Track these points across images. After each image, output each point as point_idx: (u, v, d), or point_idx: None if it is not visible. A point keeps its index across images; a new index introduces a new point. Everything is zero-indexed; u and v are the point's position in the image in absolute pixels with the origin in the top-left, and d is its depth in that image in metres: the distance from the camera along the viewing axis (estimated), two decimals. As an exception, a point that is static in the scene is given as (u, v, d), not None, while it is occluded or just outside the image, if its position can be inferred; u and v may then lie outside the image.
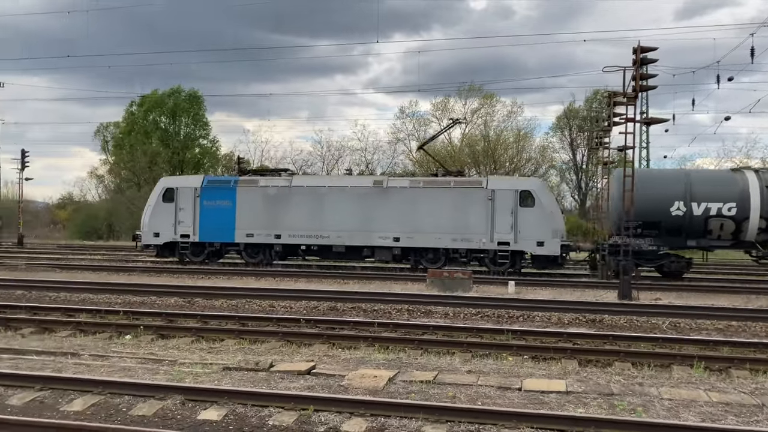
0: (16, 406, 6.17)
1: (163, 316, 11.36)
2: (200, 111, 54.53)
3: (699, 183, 18.89)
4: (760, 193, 18.39)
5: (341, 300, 13.34)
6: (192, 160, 53.67)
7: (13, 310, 11.88)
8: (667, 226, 18.89)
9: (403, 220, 21.08)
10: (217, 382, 7.09)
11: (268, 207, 22.14)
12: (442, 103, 51.13)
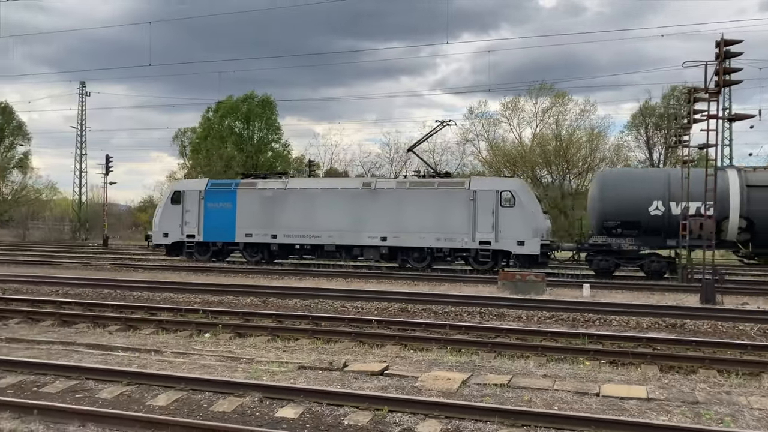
0: (106, 399, 6.49)
1: (240, 316, 11.69)
2: (272, 116, 55.84)
3: (678, 182, 18.52)
4: (740, 193, 18.15)
5: (412, 301, 13.35)
6: (265, 163, 55.01)
7: (101, 308, 12.49)
8: (646, 225, 18.87)
9: (390, 221, 21.82)
10: (293, 381, 7.23)
11: (265, 208, 23.31)
12: (512, 102, 50.37)
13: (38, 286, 15.60)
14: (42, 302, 13.07)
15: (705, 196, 15.60)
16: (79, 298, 13.74)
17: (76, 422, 5.59)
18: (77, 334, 10.40)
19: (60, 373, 7.29)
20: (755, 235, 18.45)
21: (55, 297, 13.98)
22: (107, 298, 14.25)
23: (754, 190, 18.34)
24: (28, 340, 9.71)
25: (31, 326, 11.04)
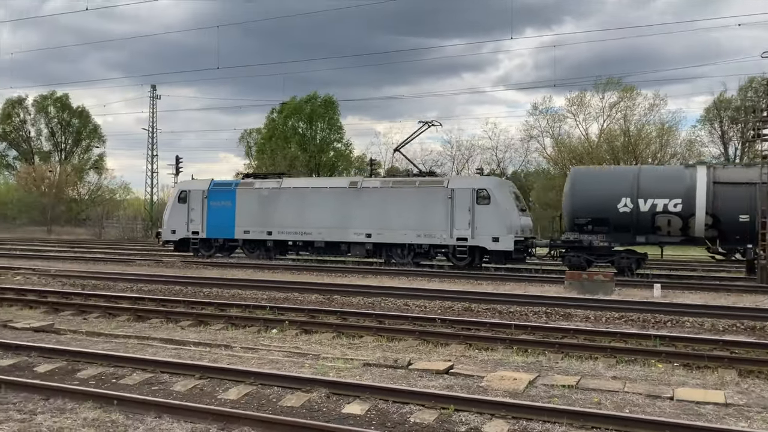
0: (180, 392, 6.72)
1: (306, 312, 11.88)
2: (335, 116, 56.55)
3: (646, 180, 18.97)
4: (706, 190, 18.17)
5: (476, 301, 13.24)
6: (327, 163, 55.76)
7: (173, 303, 12.94)
8: (615, 222, 19.17)
9: (374, 218, 22.74)
10: (358, 378, 7.30)
11: (261, 207, 24.64)
12: (578, 98, 49.33)
13: (115, 282, 16.29)
14: (118, 298, 13.64)
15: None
16: (152, 294, 14.26)
17: (153, 413, 5.81)
18: (151, 329, 10.81)
19: (137, 366, 7.60)
20: (722, 232, 18.46)
21: (130, 293, 14.56)
22: (179, 294, 14.74)
23: (720, 186, 18.28)
24: (106, 334, 10.17)
25: (108, 321, 11.55)
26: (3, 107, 65.89)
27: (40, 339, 9.37)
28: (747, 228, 17.86)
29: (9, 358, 8.08)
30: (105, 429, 5.43)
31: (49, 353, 8.20)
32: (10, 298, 13.46)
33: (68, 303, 12.93)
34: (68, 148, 68.50)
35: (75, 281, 16.54)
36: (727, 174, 18.85)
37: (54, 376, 7.26)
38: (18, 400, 6.22)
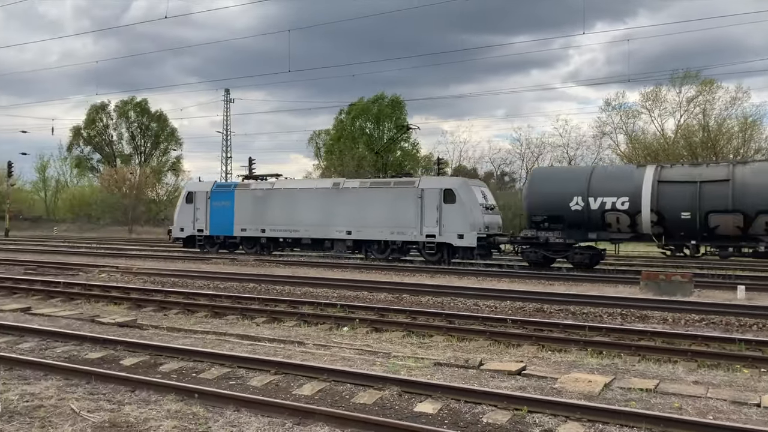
0: (256, 387, 6.92)
1: (376, 311, 11.98)
2: (402, 115, 56.65)
3: (597, 179, 20.03)
4: (651, 188, 18.97)
5: (548, 302, 13.01)
6: (394, 162, 55.93)
7: (248, 301, 13.31)
8: (569, 220, 20.20)
9: (354, 217, 24.54)
10: (429, 377, 7.31)
11: (255, 206, 26.83)
12: (653, 92, 47.63)
13: (192, 280, 16.90)
14: (196, 295, 14.15)
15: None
16: (227, 292, 14.71)
17: (232, 407, 6.01)
18: (228, 325, 11.16)
19: (215, 361, 7.87)
20: (666, 229, 19.25)
21: (207, 290, 15.06)
22: (253, 291, 15.14)
23: (664, 185, 19.07)
24: (185, 330, 10.57)
25: (187, 317, 12.00)
26: (88, 113, 69.44)
27: (124, 333, 9.83)
28: (689, 224, 18.64)
29: (97, 351, 8.52)
30: (187, 421, 5.65)
31: (133, 347, 8.60)
32: (97, 295, 14.19)
33: (150, 299, 13.50)
34: (147, 150, 71.46)
35: (155, 279, 17.26)
36: (671, 173, 19.53)
37: (138, 369, 7.61)
38: (107, 391, 6.56)
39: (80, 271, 19.24)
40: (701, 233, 18.70)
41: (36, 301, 13.70)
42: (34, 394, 6.39)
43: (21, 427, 5.42)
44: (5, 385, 6.70)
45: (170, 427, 5.45)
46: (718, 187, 18.28)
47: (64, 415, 5.74)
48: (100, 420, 5.61)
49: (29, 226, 63.29)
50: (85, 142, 70.33)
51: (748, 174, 18.43)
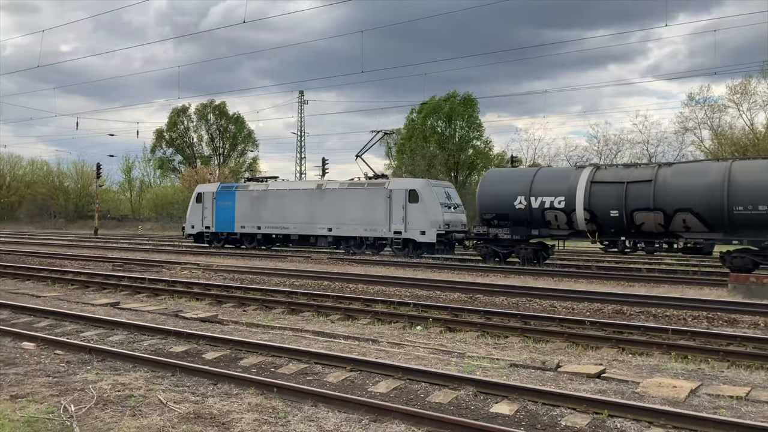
0: (333, 383, 7.03)
1: (449, 311, 11.94)
2: (474, 113, 56.13)
3: (539, 180, 21.76)
4: (585, 188, 20.50)
5: (628, 303, 12.59)
6: (466, 161, 55.52)
7: (323, 298, 13.54)
8: (514, 217, 22.10)
9: (334, 215, 27.30)
10: (505, 378, 7.22)
11: (253, 206, 29.85)
12: (741, 85, 45.23)
13: (269, 277, 17.33)
14: (273, 292, 14.50)
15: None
16: (303, 289, 14.99)
17: (309, 402, 6.13)
18: (304, 322, 11.39)
19: (292, 357, 8.05)
20: (599, 226, 20.72)
21: (283, 287, 15.41)
22: (327, 289, 15.38)
23: (596, 185, 20.54)
24: (264, 325, 10.86)
25: (265, 313, 12.32)
26: (169, 116, 72.33)
27: (206, 328, 10.20)
28: (618, 222, 20.13)
29: (181, 344, 8.88)
30: (267, 414, 5.80)
31: (215, 342, 8.91)
32: (180, 291, 14.77)
33: (229, 296, 13.95)
34: (226, 152, 73.74)
35: (234, 276, 17.81)
36: (603, 174, 20.96)
37: (220, 363, 7.88)
38: (191, 384, 6.83)
39: (164, 267, 20.08)
40: (629, 230, 20.25)
41: (123, 296, 14.40)
42: (124, 384, 6.72)
43: (114, 415, 5.72)
44: (98, 375, 7.09)
45: (251, 420, 5.61)
46: (642, 187, 19.67)
47: (153, 405, 6.01)
48: (185, 411, 5.84)
49: (116, 225, 66.67)
50: (167, 144, 73.29)
51: (669, 175, 19.70)
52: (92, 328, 10.14)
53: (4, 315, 11.27)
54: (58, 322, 10.66)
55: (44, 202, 74.66)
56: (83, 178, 75.63)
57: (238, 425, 5.48)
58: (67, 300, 13.52)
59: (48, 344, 8.61)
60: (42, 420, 5.50)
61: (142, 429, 5.33)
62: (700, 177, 19.25)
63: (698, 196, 18.81)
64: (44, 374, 7.12)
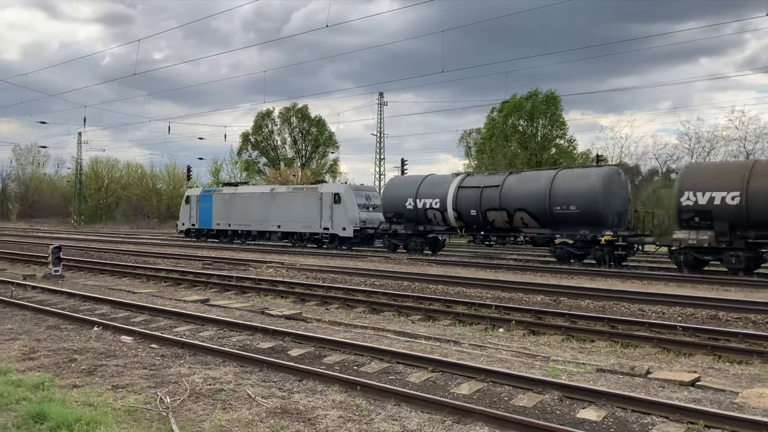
0: (415, 383, 7.05)
1: (532, 313, 11.72)
2: (557, 111, 54.82)
3: (423, 186, 26.82)
4: (454, 192, 25.40)
5: (723, 309, 11.94)
6: (549, 160, 54.26)
7: (403, 298, 13.59)
8: (406, 216, 27.17)
9: (281, 214, 32.93)
10: (592, 383, 7.02)
11: (225, 207, 36.01)
12: None
13: (350, 277, 17.57)
14: (354, 291, 14.69)
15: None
16: (383, 289, 15.10)
17: (392, 401, 6.17)
18: (385, 321, 11.48)
19: (374, 356, 8.13)
20: (465, 223, 25.66)
21: (364, 287, 15.58)
22: (407, 289, 15.42)
23: (461, 189, 25.50)
24: (345, 324, 11.03)
25: (347, 312, 12.51)
26: (255, 120, 74.64)
27: (290, 326, 10.45)
28: (476, 219, 25.13)
29: (268, 341, 9.15)
30: (351, 412, 5.89)
31: (299, 339, 9.12)
32: (265, 289, 15.22)
33: (312, 294, 14.25)
34: (308, 154, 75.33)
35: (317, 275, 18.16)
36: (468, 181, 25.88)
37: (305, 360, 8.06)
38: (278, 379, 7.03)
39: (250, 266, 20.74)
40: (484, 226, 25.16)
41: (213, 294, 14.99)
42: (215, 378, 7.00)
43: (206, 407, 5.96)
44: (191, 369, 7.41)
45: (336, 417, 5.71)
46: (492, 191, 24.50)
47: (242, 399, 6.23)
48: (272, 406, 6.01)
49: (205, 225, 69.19)
50: (252, 147, 75.64)
51: (513, 182, 24.30)
52: (184, 323, 10.61)
53: (105, 310, 11.98)
54: (152, 317, 11.22)
55: (138, 203, 78.61)
56: (174, 180, 79.11)
57: (323, 422, 5.59)
58: (161, 296, 14.21)
59: (144, 338, 9.08)
60: (141, 410, 5.81)
61: (232, 422, 5.53)
62: (533, 183, 23.69)
63: (531, 198, 23.36)
64: (141, 366, 7.51)
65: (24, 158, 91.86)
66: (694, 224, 19.64)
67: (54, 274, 17.06)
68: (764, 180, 18.44)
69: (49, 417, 5.35)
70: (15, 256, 24.15)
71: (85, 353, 8.13)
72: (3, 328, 9.83)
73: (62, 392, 6.28)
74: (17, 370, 7.13)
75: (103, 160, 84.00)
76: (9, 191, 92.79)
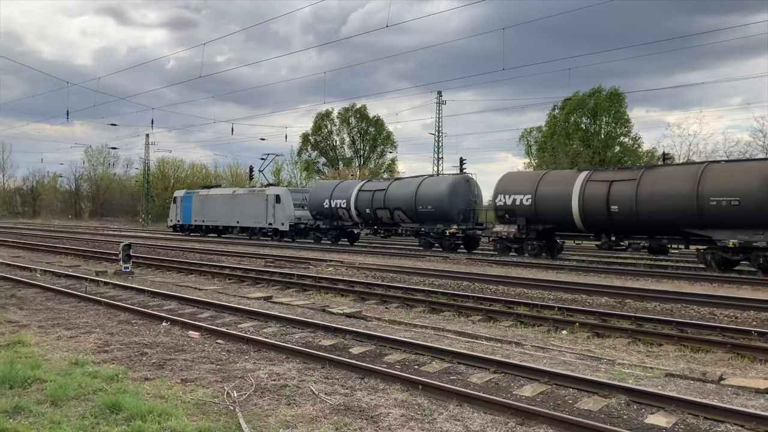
0: (476, 384, 7.00)
1: (596, 315, 11.46)
2: (621, 108, 53.39)
3: (336, 190, 33.70)
4: (355, 195, 32.35)
5: (802, 313, 11.38)
6: (612, 158, 52.88)
7: (463, 299, 13.51)
8: (324, 213, 34.09)
9: (240, 212, 39.32)
10: (660, 388, 6.81)
11: (200, 206, 42.81)
12: None
13: (409, 276, 17.58)
14: (414, 290, 14.70)
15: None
16: (443, 289, 15.05)
17: (454, 402, 6.15)
18: (445, 321, 11.44)
19: (435, 355, 8.11)
20: (363, 219, 32.26)
21: (423, 286, 15.56)
22: (467, 289, 15.31)
23: (360, 193, 32.17)
24: (405, 323, 11.05)
25: (407, 311, 12.53)
26: (314, 120, 75.67)
27: (351, 324, 10.54)
28: (370, 216, 31.63)
29: (330, 338, 9.26)
30: (413, 411, 5.90)
31: (360, 337, 9.20)
32: (326, 287, 15.41)
33: (372, 293, 14.33)
34: (366, 154, 75.84)
35: (376, 273, 18.26)
36: (366, 186, 32.74)
37: (366, 358, 8.12)
38: (340, 376, 7.10)
39: (311, 264, 21.03)
40: (376, 222, 31.86)
41: (275, 291, 15.28)
42: (279, 374, 7.14)
43: (271, 402, 6.09)
44: (255, 364, 7.58)
45: (398, 415, 5.74)
46: (380, 194, 31.23)
47: (306, 396, 6.33)
48: (335, 403, 6.09)
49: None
50: (312, 147, 76.70)
51: (394, 186, 31.26)
52: (248, 320, 10.86)
53: (172, 305, 12.38)
54: (218, 313, 11.53)
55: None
56: (237, 180, 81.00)
57: (385, 420, 5.62)
58: (226, 293, 14.58)
59: (211, 334, 9.34)
60: (209, 403, 5.98)
61: (297, 418, 5.63)
62: (407, 188, 30.46)
63: (404, 200, 30.12)
64: (208, 361, 7.74)
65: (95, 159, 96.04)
66: (506, 219, 25.95)
67: (124, 270, 17.74)
68: (546, 187, 24.76)
69: (123, 408, 5.58)
70: (88, 253, 25.24)
71: (155, 347, 8.42)
72: (79, 321, 10.30)
73: (135, 384, 6.53)
74: (93, 362, 7.46)
75: (169, 160, 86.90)
76: (82, 191, 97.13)
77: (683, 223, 20.83)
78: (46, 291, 13.95)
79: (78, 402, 5.89)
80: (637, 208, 21.72)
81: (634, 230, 22.49)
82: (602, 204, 22.69)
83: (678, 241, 21.81)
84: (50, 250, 27.24)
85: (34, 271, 18.16)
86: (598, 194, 22.87)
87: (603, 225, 23.18)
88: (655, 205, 21.28)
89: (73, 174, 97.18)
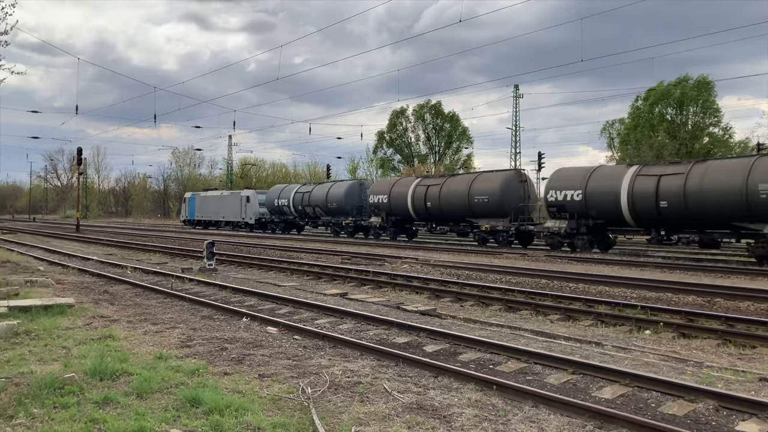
0: (553, 385, 6.82)
1: (682, 315, 10.92)
2: (710, 98, 50.80)
3: (283, 192, 44.75)
4: (293, 196, 43.08)
5: None
6: (701, 150, 50.42)
7: (541, 297, 13.20)
8: (274, 209, 45.20)
9: (226, 210, 51.66)
10: (753, 393, 6.42)
11: (200, 205, 55.54)
12: None
13: (485, 273, 17.36)
14: (489, 288, 14.49)
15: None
16: (520, 286, 14.77)
17: (530, 402, 6.01)
18: (521, 320, 11.22)
19: (511, 355, 7.96)
20: (298, 214, 43.23)
21: (499, 284, 15.32)
22: (545, 288, 14.96)
23: (295, 194, 43.11)
24: (481, 321, 10.91)
25: (482, 309, 12.37)
26: (389, 118, 76.08)
27: (425, 321, 10.51)
28: (302, 212, 42.52)
29: (403, 336, 9.26)
30: (487, 411, 5.81)
31: (434, 335, 9.15)
32: (401, 284, 15.43)
33: (446, 291, 14.24)
34: (441, 150, 75.58)
35: (451, 271, 18.14)
36: (302, 188, 43.25)
37: (440, 356, 8.06)
38: (413, 375, 7.09)
39: (386, 261, 21.14)
40: (306, 216, 42.41)
41: (351, 288, 15.44)
42: (353, 371, 7.19)
43: (344, 399, 6.14)
44: (330, 361, 7.67)
45: (471, 416, 5.66)
46: (306, 195, 41.74)
47: (379, 393, 6.35)
48: (408, 401, 6.07)
49: (343, 221, 71.50)
50: (387, 145, 77.17)
51: (315, 189, 41.55)
52: (324, 316, 11.01)
53: (252, 301, 12.73)
54: (295, 309, 11.76)
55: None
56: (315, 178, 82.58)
57: (458, 419, 5.56)
58: (303, 289, 14.86)
59: (288, 330, 9.54)
60: (284, 399, 6.10)
61: (370, 415, 5.65)
62: (322, 190, 40.85)
63: (320, 199, 39.89)
64: (285, 357, 7.89)
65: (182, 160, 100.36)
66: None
67: (208, 267, 18.40)
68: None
69: (203, 402, 5.77)
70: (175, 250, 26.37)
71: (235, 342, 8.68)
72: (165, 317, 10.75)
73: (214, 379, 6.75)
74: (176, 357, 7.76)
75: (251, 160, 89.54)
76: (170, 191, 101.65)
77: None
78: (135, 287, 14.65)
79: (161, 395, 6.14)
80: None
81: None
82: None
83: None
84: (140, 248, 28.63)
85: (124, 268, 19.12)
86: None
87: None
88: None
89: (161, 175, 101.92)
